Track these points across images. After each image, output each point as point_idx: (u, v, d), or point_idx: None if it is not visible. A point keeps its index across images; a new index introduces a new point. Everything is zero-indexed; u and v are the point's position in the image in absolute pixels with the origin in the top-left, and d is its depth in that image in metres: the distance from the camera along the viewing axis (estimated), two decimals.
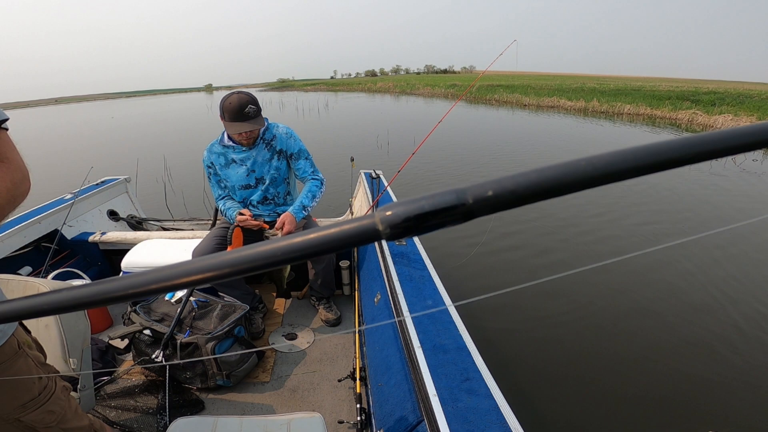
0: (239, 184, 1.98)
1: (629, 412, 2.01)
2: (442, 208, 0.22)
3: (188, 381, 1.67)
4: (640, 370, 2.28)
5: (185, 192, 5.94)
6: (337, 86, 55.66)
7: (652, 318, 2.73)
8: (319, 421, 1.11)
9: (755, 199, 5.27)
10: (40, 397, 0.81)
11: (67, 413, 0.87)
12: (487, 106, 18.96)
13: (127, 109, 33.77)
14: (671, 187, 5.60)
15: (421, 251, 1.86)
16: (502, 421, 0.93)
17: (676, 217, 4.56)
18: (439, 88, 30.77)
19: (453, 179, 6.31)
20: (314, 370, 1.82)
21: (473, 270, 3.38)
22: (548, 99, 19.21)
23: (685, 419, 1.96)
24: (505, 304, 2.91)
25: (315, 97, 32.18)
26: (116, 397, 1.63)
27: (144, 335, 1.69)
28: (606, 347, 2.47)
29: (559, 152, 8.34)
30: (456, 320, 1.33)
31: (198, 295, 1.88)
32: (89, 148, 11.47)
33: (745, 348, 2.42)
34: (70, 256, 2.45)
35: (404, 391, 1.16)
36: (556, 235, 4.11)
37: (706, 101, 15.97)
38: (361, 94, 37.19)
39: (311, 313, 2.23)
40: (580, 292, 3.04)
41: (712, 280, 3.18)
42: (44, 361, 0.86)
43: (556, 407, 2.06)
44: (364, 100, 28.80)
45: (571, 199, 4.91)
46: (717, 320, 2.69)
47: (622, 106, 15.92)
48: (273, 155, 1.96)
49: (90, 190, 2.82)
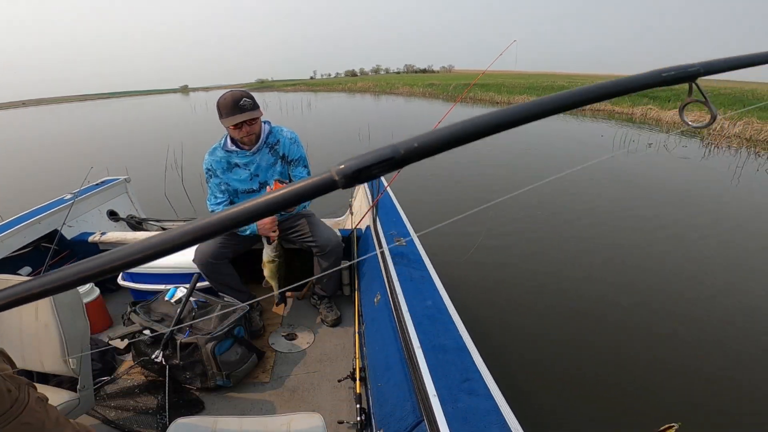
0: (242, 189, 1.96)
1: (630, 411, 2.01)
2: (383, 160, 0.28)
3: (188, 381, 1.67)
4: (641, 370, 2.27)
5: (185, 191, 5.94)
6: (318, 86, 55.04)
7: (656, 317, 2.73)
8: (319, 421, 1.11)
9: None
10: (12, 410, 0.80)
11: (46, 424, 0.86)
12: (462, 104, 19.92)
13: (104, 113, 32.17)
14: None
15: (421, 251, 1.86)
16: (502, 421, 0.93)
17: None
18: (418, 88, 31.51)
19: (452, 176, 6.34)
20: (314, 370, 1.82)
21: (473, 268, 3.38)
22: (519, 96, 20.48)
23: (688, 419, 1.96)
24: (505, 304, 2.91)
25: (296, 97, 32.23)
26: (116, 397, 1.63)
27: (144, 335, 1.69)
28: (607, 347, 2.47)
29: (520, 138, 9.23)
30: (456, 320, 1.33)
31: (198, 296, 1.88)
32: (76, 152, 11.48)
33: (747, 341, 2.42)
34: (69, 256, 2.45)
35: (404, 392, 1.16)
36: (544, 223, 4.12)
37: (663, 98, 17.13)
38: (342, 93, 37.31)
39: (311, 313, 2.23)
40: (582, 292, 3.04)
41: (713, 277, 3.18)
42: (12, 372, 0.85)
43: (556, 407, 2.06)
44: (345, 99, 29.14)
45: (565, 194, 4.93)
46: (718, 320, 2.69)
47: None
48: (276, 160, 1.94)
49: (90, 190, 2.82)
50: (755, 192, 5.76)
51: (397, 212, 2.38)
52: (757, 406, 2.03)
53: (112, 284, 2.38)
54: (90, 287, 2.09)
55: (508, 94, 21.46)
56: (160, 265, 2.12)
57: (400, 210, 2.42)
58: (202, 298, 1.86)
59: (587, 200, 5.15)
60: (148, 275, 2.19)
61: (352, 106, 23.48)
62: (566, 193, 5.38)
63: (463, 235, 3.99)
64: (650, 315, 2.76)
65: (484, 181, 6.15)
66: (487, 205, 1.40)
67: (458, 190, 5.80)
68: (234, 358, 1.68)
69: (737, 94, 18.08)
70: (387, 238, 1.97)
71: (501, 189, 5.45)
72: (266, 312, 2.24)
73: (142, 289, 2.18)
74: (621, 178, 6.13)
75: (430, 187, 5.82)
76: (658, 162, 7.49)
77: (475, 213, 1.10)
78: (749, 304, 2.86)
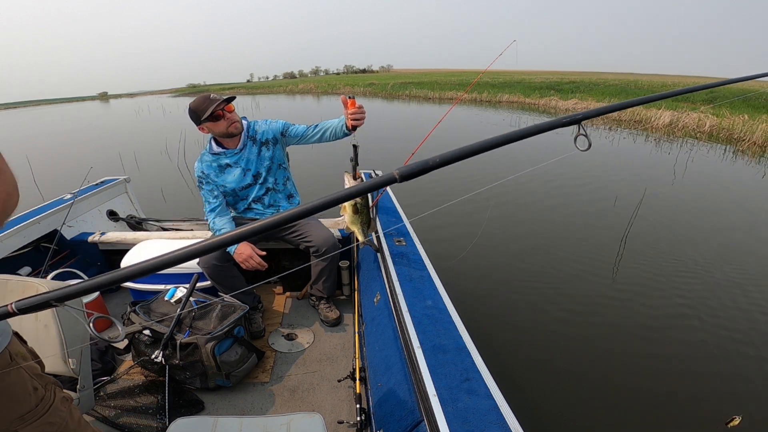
0: (239, 186, 1.98)
1: (630, 411, 2.01)
2: (426, 168, 0.54)
3: (188, 381, 1.67)
4: (642, 370, 2.28)
5: (185, 192, 5.94)
6: (257, 89, 54.08)
7: (656, 317, 2.73)
8: (318, 421, 1.11)
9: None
10: (37, 409, 0.80)
11: (69, 424, 0.86)
12: (400, 101, 21.85)
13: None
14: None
15: (421, 251, 1.86)
16: (502, 421, 0.93)
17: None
18: (359, 87, 33.22)
19: (450, 172, 6.34)
20: (314, 370, 1.82)
21: (473, 268, 3.38)
22: (448, 92, 23.82)
23: (688, 418, 1.96)
24: (505, 304, 2.91)
25: (239, 101, 32.48)
26: (116, 398, 1.62)
27: (144, 335, 1.69)
28: (607, 347, 2.47)
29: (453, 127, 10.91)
30: (456, 320, 1.33)
31: (198, 296, 1.88)
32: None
33: (754, 341, 2.42)
34: (69, 256, 2.45)
35: (404, 392, 1.16)
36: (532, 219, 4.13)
37: (566, 89, 21.29)
38: (281, 96, 37.34)
39: (311, 313, 2.23)
40: (582, 293, 3.04)
41: (714, 277, 3.18)
42: (41, 371, 0.85)
43: (556, 407, 2.06)
44: (289, 101, 29.55)
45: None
46: (719, 320, 2.69)
47: (503, 95, 20.28)
48: (260, 148, 1.97)
49: (89, 190, 2.82)
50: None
51: (397, 212, 2.39)
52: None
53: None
54: None
55: (440, 90, 24.87)
56: None
57: (400, 210, 2.42)
58: (202, 298, 1.85)
59: (586, 199, 5.16)
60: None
61: (298, 107, 23.99)
62: (567, 192, 5.40)
63: (464, 234, 3.99)
64: (654, 315, 2.76)
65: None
66: (469, 196, 1.41)
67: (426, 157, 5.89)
68: (234, 358, 1.68)
69: (622, 85, 23.00)
70: (387, 238, 1.97)
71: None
72: (266, 312, 2.24)
73: (142, 289, 2.18)
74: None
75: (431, 184, 5.82)
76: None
77: (474, 212, 1.10)
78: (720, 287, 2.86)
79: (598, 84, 23.48)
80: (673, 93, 0.88)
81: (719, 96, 15.10)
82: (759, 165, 7.34)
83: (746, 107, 12.66)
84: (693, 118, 11.36)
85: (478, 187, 5.87)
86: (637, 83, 24.21)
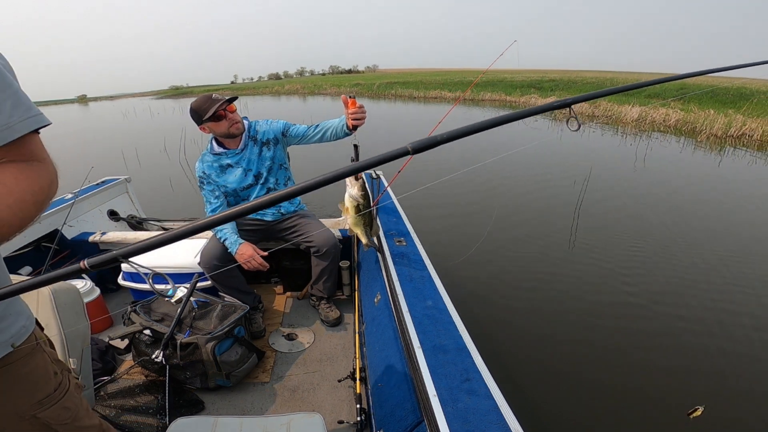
0: (240, 186, 1.98)
1: (630, 411, 2.01)
2: (435, 142, 0.61)
3: (188, 381, 1.67)
4: (642, 370, 2.27)
5: (185, 192, 5.95)
6: (242, 90, 52.67)
7: (657, 318, 2.73)
8: (318, 421, 1.11)
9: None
10: (55, 394, 0.81)
11: (80, 411, 0.88)
12: (385, 100, 22.00)
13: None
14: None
15: (421, 251, 1.86)
16: (502, 421, 0.93)
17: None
18: (345, 87, 33.16)
19: (448, 169, 6.35)
20: (314, 370, 1.82)
21: (473, 268, 3.38)
22: (433, 92, 24.15)
23: (687, 418, 1.96)
24: (505, 304, 2.91)
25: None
26: (116, 397, 1.63)
27: (144, 335, 1.69)
28: (607, 347, 2.46)
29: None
30: (456, 320, 1.33)
31: (198, 295, 1.88)
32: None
33: (751, 345, 2.42)
34: (70, 256, 2.45)
35: (404, 392, 1.16)
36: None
37: (546, 88, 21.96)
38: (266, 97, 36.91)
39: (311, 313, 2.23)
40: (583, 293, 3.04)
41: (713, 280, 3.18)
42: (57, 357, 0.86)
43: (557, 407, 2.05)
44: (275, 102, 29.27)
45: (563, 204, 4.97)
46: (720, 319, 2.69)
47: (485, 94, 20.96)
48: (261, 148, 1.97)
49: (90, 190, 2.82)
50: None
51: (397, 212, 2.39)
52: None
53: (112, 284, 2.38)
54: (90, 287, 2.10)
55: (425, 89, 25.40)
56: (160, 265, 2.12)
57: (400, 210, 2.42)
58: (203, 298, 1.86)
59: (588, 197, 5.15)
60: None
61: (285, 108, 23.93)
62: (565, 191, 5.40)
63: (464, 235, 3.99)
64: (656, 315, 2.76)
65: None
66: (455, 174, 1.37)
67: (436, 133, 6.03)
68: (234, 358, 1.68)
69: (599, 82, 23.75)
70: (387, 238, 1.97)
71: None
72: (267, 312, 2.24)
73: (142, 289, 2.18)
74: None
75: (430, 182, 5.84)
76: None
77: (474, 214, 1.11)
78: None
79: (576, 82, 24.14)
80: (647, 83, 1.05)
81: (688, 88, 15.60)
82: (715, 154, 8.21)
83: (714, 102, 13.39)
84: (661, 113, 12.20)
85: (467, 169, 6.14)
86: (612, 81, 24.63)
